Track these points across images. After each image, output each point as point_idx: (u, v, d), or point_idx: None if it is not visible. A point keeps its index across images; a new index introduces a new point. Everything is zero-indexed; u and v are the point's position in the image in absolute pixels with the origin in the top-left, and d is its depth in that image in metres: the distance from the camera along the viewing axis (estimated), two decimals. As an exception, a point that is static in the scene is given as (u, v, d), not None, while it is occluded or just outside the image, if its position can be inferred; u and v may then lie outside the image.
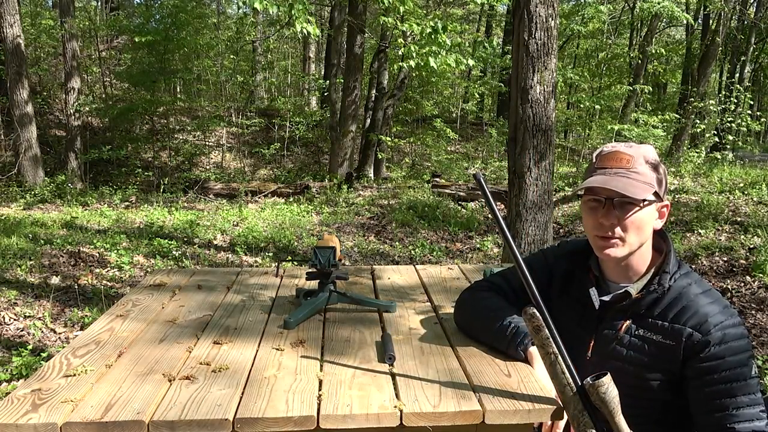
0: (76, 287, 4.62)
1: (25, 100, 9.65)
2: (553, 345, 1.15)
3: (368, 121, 11.31)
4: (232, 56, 13.42)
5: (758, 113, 16.66)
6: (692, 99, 12.05)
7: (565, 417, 1.15)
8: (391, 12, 6.52)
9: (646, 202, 1.29)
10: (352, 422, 1.09)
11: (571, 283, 1.46)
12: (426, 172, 11.00)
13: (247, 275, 2.17)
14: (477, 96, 16.82)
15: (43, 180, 9.70)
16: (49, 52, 14.34)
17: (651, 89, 16.43)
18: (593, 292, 1.39)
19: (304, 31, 5.74)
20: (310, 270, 1.70)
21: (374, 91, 11.30)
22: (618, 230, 1.30)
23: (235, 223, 7.23)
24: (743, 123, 11.65)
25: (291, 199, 9.13)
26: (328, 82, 13.16)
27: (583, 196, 1.37)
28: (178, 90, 14.58)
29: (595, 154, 1.37)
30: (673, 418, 1.34)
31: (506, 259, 3.83)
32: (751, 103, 15.19)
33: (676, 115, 12.15)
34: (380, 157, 11.42)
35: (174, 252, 5.76)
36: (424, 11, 9.89)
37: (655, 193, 1.30)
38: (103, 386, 1.21)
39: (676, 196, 7.79)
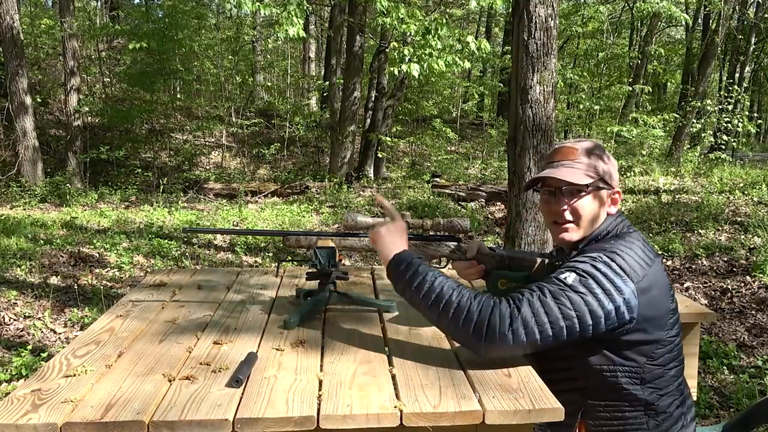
0: (76, 287, 4.61)
1: (25, 100, 9.65)
2: None
3: (368, 121, 11.31)
4: (230, 57, 13.42)
5: (755, 114, 16.66)
6: (691, 99, 12.05)
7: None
8: (390, 14, 6.53)
9: (590, 188, 1.43)
10: (352, 422, 1.09)
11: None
12: (426, 172, 10.99)
13: (247, 275, 2.17)
14: (477, 96, 16.82)
15: (43, 180, 9.70)
16: (49, 53, 14.34)
17: (651, 89, 16.43)
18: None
19: (287, 33, 5.74)
20: (310, 270, 1.70)
21: (374, 91, 11.30)
22: (568, 215, 1.46)
23: (235, 223, 7.24)
24: (740, 124, 11.65)
25: (291, 199, 9.13)
26: (327, 82, 13.16)
27: (540, 189, 1.53)
28: (178, 90, 14.58)
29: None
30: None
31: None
32: (749, 103, 15.19)
33: (676, 115, 12.16)
34: (380, 156, 11.42)
35: (174, 252, 5.76)
36: (424, 12, 9.89)
37: (601, 180, 1.45)
38: (103, 386, 1.21)
39: (677, 196, 7.80)
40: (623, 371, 1.35)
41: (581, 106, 12.15)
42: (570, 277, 1.30)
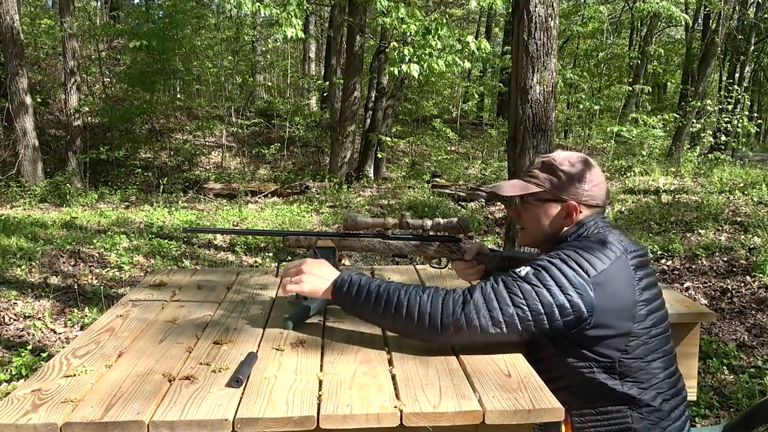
0: (76, 287, 4.62)
1: (25, 100, 9.65)
2: None
3: (368, 121, 11.31)
4: (230, 57, 13.43)
5: (755, 114, 16.66)
6: (691, 99, 12.04)
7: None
8: (390, 14, 6.53)
9: (532, 199, 1.55)
10: (352, 422, 1.09)
11: None
12: (426, 172, 10.99)
13: (247, 275, 2.18)
14: (477, 96, 16.83)
15: (43, 180, 9.70)
16: (49, 53, 14.34)
17: (651, 89, 16.43)
18: None
19: (285, 34, 5.77)
20: None
21: (374, 91, 11.30)
22: (519, 221, 1.62)
23: (235, 223, 7.24)
24: (739, 124, 11.65)
25: (291, 199, 9.13)
26: (327, 82, 13.16)
27: None
28: (178, 90, 14.58)
29: None
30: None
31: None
32: (749, 103, 15.18)
33: (676, 115, 12.16)
34: (380, 156, 11.42)
35: (174, 252, 5.76)
36: (424, 12, 9.89)
37: (549, 192, 1.52)
38: (103, 386, 1.21)
39: (677, 196, 7.80)
40: (599, 367, 1.37)
41: (581, 106, 12.15)
42: (524, 270, 1.36)
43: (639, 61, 13.91)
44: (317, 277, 1.47)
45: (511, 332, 1.31)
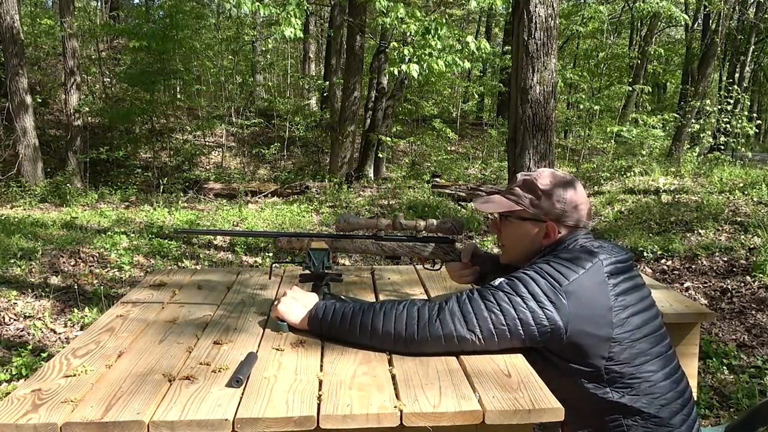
0: (76, 287, 4.62)
1: (25, 99, 9.65)
2: None
3: (368, 121, 11.31)
4: (230, 57, 13.43)
5: (754, 115, 16.66)
6: (691, 99, 12.04)
7: None
8: (389, 14, 6.54)
9: (515, 218, 1.55)
10: (352, 422, 1.09)
11: None
12: (426, 172, 10.99)
13: (247, 275, 2.18)
14: (477, 96, 16.83)
15: (43, 180, 9.70)
16: (49, 53, 14.35)
17: (651, 89, 16.42)
18: None
19: (283, 33, 5.80)
20: (304, 272, 1.69)
21: (374, 91, 11.30)
22: (500, 238, 1.63)
23: (235, 223, 7.24)
24: (738, 125, 11.64)
25: (291, 199, 9.13)
26: (327, 82, 13.18)
27: None
28: (178, 90, 14.60)
29: None
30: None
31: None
32: (749, 103, 15.18)
33: (676, 115, 12.15)
34: (380, 156, 11.42)
35: (174, 252, 5.76)
36: (424, 12, 9.89)
37: (526, 212, 1.53)
38: (103, 386, 1.21)
39: (676, 196, 7.80)
40: (586, 377, 1.37)
41: (581, 106, 12.15)
42: (498, 281, 1.38)
43: (639, 61, 13.90)
44: (296, 308, 1.50)
45: (487, 338, 1.32)
